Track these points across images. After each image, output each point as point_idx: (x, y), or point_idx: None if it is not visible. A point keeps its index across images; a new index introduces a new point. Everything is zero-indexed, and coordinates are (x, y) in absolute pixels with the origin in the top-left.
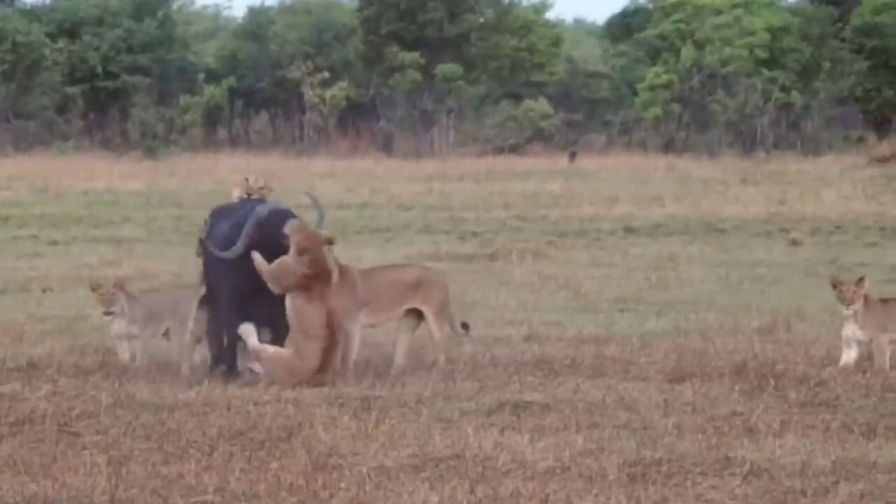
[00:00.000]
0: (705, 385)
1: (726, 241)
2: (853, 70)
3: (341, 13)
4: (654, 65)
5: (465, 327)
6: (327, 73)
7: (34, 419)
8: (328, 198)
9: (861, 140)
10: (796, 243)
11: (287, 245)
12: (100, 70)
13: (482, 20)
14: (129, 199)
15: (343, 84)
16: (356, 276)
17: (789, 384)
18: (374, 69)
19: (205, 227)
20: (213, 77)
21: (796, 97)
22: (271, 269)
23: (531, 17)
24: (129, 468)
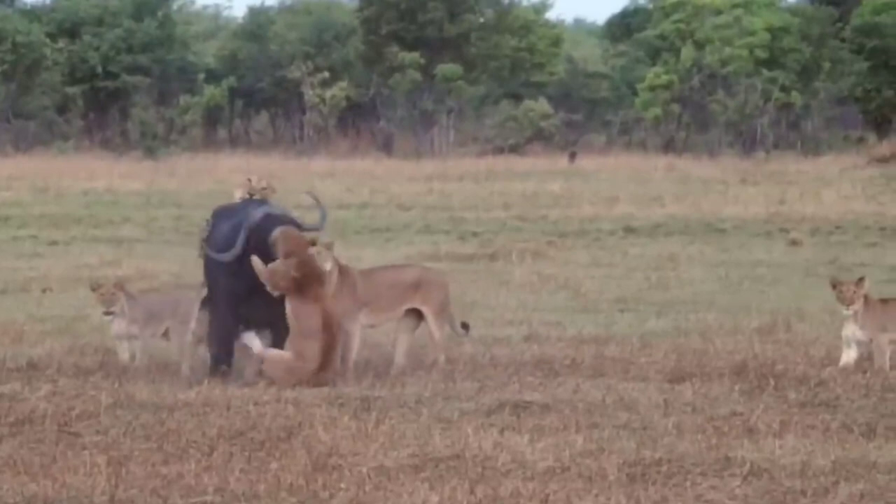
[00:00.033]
0: (705, 385)
1: (726, 241)
2: (853, 70)
3: (341, 13)
4: (654, 65)
5: (465, 327)
6: (327, 73)
7: (34, 419)
8: (328, 198)
9: (861, 140)
10: (796, 243)
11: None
12: (100, 70)
13: (482, 20)
14: (129, 199)
15: (343, 84)
16: (356, 276)
17: (789, 384)
18: (374, 69)
19: (206, 228)
20: (213, 77)
21: (796, 97)
22: (266, 274)
23: (531, 17)
24: (129, 468)
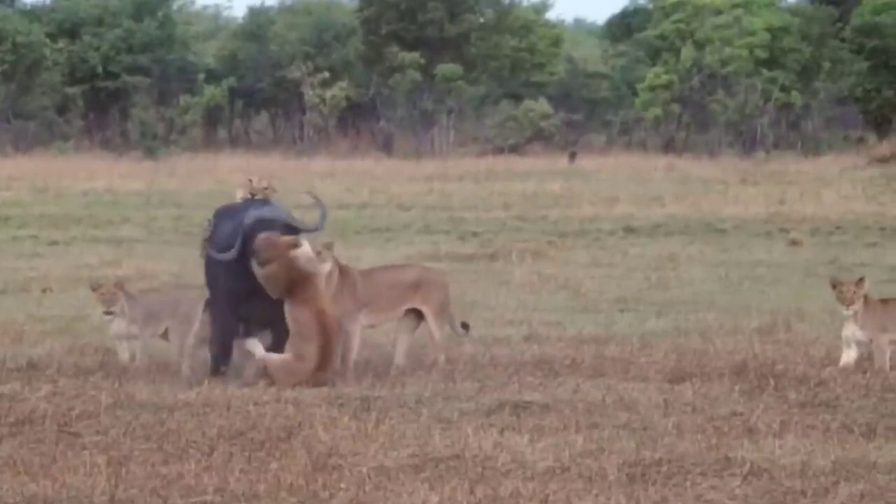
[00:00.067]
0: (705, 385)
1: (726, 241)
2: (853, 70)
3: (341, 13)
4: (654, 65)
5: (465, 327)
6: (327, 73)
7: (34, 419)
8: (328, 198)
9: (861, 140)
10: (796, 243)
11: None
12: (100, 70)
13: (482, 20)
14: (129, 200)
15: (343, 84)
16: (356, 276)
17: (789, 384)
18: (374, 69)
19: (208, 228)
20: (213, 77)
21: (796, 97)
22: (261, 278)
23: (531, 17)
24: (128, 468)
